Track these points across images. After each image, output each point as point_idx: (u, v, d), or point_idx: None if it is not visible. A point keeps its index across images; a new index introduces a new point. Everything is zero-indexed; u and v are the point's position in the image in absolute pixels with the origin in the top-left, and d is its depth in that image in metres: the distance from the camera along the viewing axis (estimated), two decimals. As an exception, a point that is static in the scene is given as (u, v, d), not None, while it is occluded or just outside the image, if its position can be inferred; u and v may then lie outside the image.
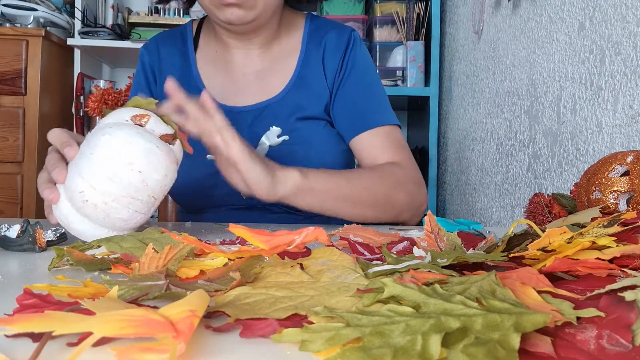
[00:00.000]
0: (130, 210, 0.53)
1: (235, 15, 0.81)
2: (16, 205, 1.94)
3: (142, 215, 0.55)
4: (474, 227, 0.63)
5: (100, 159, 0.51)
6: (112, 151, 0.51)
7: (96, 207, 0.51)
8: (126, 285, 0.34)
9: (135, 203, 0.53)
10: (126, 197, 0.52)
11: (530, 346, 0.24)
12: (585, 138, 0.91)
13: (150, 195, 0.54)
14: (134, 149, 0.51)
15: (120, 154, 0.51)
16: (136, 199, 0.52)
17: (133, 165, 0.51)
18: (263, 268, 0.38)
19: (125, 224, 0.54)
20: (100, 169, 0.51)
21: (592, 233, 0.40)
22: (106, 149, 0.51)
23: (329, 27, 0.94)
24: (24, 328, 0.23)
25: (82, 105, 2.11)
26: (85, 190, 0.51)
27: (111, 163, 0.51)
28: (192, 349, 0.25)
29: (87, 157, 0.52)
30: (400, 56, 1.98)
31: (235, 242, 0.57)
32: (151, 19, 2.37)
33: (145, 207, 0.54)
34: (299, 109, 0.89)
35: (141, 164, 0.52)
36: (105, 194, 0.51)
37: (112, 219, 0.53)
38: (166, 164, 0.54)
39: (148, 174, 0.52)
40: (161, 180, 0.54)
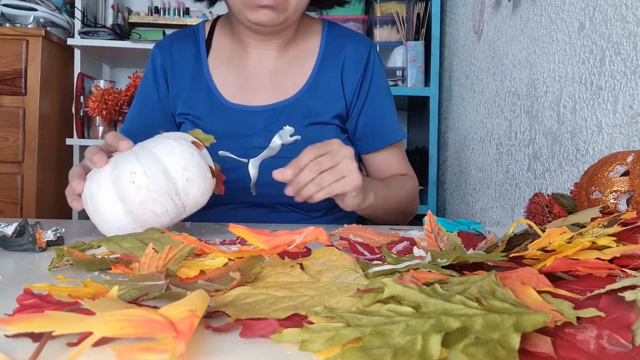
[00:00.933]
0: (164, 208, 0.57)
1: (268, 17, 0.83)
2: (16, 205, 1.94)
3: (169, 218, 0.59)
4: (474, 227, 0.63)
5: (162, 154, 0.58)
6: (174, 152, 0.58)
7: (139, 190, 0.56)
8: (126, 285, 0.34)
9: (171, 204, 0.57)
10: (167, 194, 0.57)
11: (530, 346, 0.24)
12: (585, 138, 0.91)
13: (184, 205, 0.59)
14: (191, 159, 0.59)
15: (181, 158, 0.58)
16: (173, 201, 0.57)
17: (185, 172, 0.58)
18: (263, 268, 0.38)
19: (152, 220, 0.57)
20: (159, 161, 0.57)
21: (592, 233, 0.40)
22: (170, 148, 0.58)
23: (349, 37, 0.98)
24: (24, 328, 0.23)
25: (82, 105, 2.11)
26: (137, 172, 0.56)
27: (170, 161, 0.57)
28: (192, 349, 0.25)
29: (149, 150, 0.58)
30: (400, 56, 1.98)
31: (235, 242, 0.57)
32: (151, 19, 2.37)
33: (175, 211, 0.58)
34: (312, 113, 0.92)
35: (192, 174, 0.58)
36: (153, 182, 0.56)
37: (145, 209, 0.56)
38: (207, 187, 0.61)
39: (192, 185, 0.58)
40: (198, 196, 0.60)
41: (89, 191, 0.58)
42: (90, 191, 0.58)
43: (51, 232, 0.53)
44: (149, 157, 0.57)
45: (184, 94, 0.94)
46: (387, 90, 1.00)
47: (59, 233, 0.53)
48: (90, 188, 0.58)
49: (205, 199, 0.61)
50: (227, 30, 0.98)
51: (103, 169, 0.58)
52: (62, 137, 2.10)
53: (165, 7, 2.39)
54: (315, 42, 0.96)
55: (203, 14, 2.40)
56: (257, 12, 0.83)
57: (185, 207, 0.59)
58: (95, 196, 0.57)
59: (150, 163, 0.56)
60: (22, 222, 0.51)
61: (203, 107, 0.92)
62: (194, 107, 0.92)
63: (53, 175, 2.09)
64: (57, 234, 0.53)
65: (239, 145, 0.88)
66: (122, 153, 0.60)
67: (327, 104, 0.92)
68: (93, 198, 0.57)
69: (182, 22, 2.37)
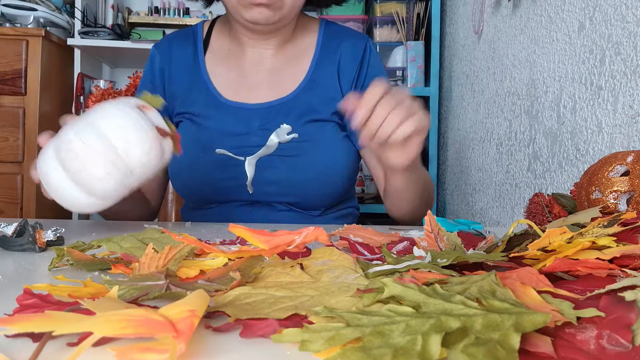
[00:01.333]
0: (105, 172, 0.56)
1: (263, 15, 0.83)
2: (16, 205, 1.94)
3: (114, 182, 0.57)
4: (474, 227, 0.63)
5: (97, 119, 0.56)
6: (108, 116, 0.57)
7: (77, 157, 0.55)
8: (126, 285, 0.34)
9: (112, 167, 0.56)
10: (105, 157, 0.55)
11: (530, 346, 0.24)
12: (585, 138, 0.91)
13: (128, 166, 0.57)
14: (128, 120, 0.57)
15: (115, 120, 0.56)
16: (114, 163, 0.56)
17: (122, 132, 0.56)
18: (263, 268, 0.38)
19: (98, 184, 0.56)
20: (93, 127, 0.56)
21: (592, 233, 0.40)
22: (104, 113, 0.57)
23: (345, 35, 0.97)
24: (24, 328, 0.23)
25: (82, 105, 2.11)
26: (73, 141, 0.55)
27: (103, 124, 0.56)
28: (192, 349, 0.25)
29: (85, 118, 0.57)
30: (400, 56, 1.98)
31: (235, 242, 0.57)
32: (151, 19, 2.37)
33: (120, 175, 0.57)
34: (310, 110, 0.91)
35: (130, 134, 0.56)
36: (89, 148, 0.55)
37: (87, 175, 0.55)
38: (151, 146, 0.58)
39: (133, 146, 0.56)
40: (142, 158, 0.57)
41: (39, 170, 0.59)
42: (40, 169, 0.58)
43: (51, 232, 0.53)
44: (85, 125, 0.56)
45: (182, 93, 0.94)
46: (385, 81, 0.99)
47: (59, 233, 0.53)
48: (40, 166, 0.58)
49: (156, 159, 0.59)
50: (225, 30, 0.98)
51: (48, 146, 0.58)
52: (62, 137, 2.10)
53: (165, 7, 2.39)
54: (312, 40, 0.96)
55: (203, 14, 2.40)
56: (252, 10, 0.83)
57: (132, 169, 0.57)
58: (44, 173, 0.57)
59: (85, 130, 0.56)
60: (22, 222, 0.51)
61: (201, 105, 0.92)
62: (191, 106, 0.92)
63: (53, 175, 2.09)
64: (57, 234, 0.53)
65: (236, 143, 0.88)
66: (65, 127, 0.59)
67: (325, 101, 0.92)
68: (43, 175, 0.58)
69: (182, 22, 2.37)
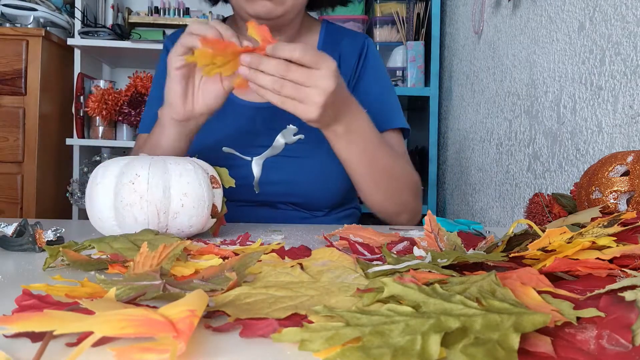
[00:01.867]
0: (146, 219, 0.57)
1: (265, 8, 0.84)
2: (16, 205, 1.94)
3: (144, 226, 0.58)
4: (474, 227, 0.63)
5: (173, 172, 0.58)
6: (183, 176, 0.58)
7: (134, 193, 0.56)
8: (122, 285, 0.34)
9: (155, 219, 0.57)
10: (156, 209, 0.56)
11: (530, 346, 0.24)
12: (585, 138, 0.91)
13: (167, 226, 0.58)
14: (196, 190, 0.58)
15: (186, 184, 0.58)
16: (159, 217, 0.57)
17: (183, 198, 0.57)
18: (262, 267, 0.38)
19: (132, 224, 0.57)
20: (166, 177, 0.57)
21: (592, 233, 0.40)
22: (181, 171, 0.58)
23: (343, 34, 0.98)
24: (23, 327, 0.23)
25: (82, 105, 2.11)
26: (141, 176, 0.56)
27: (176, 181, 0.57)
28: (192, 349, 0.25)
29: (164, 163, 0.58)
30: (400, 56, 1.98)
31: (235, 241, 0.57)
32: (151, 19, 2.37)
33: (155, 228, 0.58)
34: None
35: (188, 203, 0.58)
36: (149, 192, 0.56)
37: (130, 212, 0.56)
38: (198, 221, 0.60)
39: (183, 212, 0.58)
40: (184, 225, 0.59)
41: (97, 172, 0.59)
42: (97, 172, 0.58)
43: (51, 232, 0.53)
44: (160, 168, 0.57)
45: None
46: (385, 79, 0.98)
47: (59, 233, 0.53)
48: (99, 170, 0.59)
49: (191, 231, 0.60)
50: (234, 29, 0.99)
51: (118, 161, 0.58)
52: (62, 137, 2.10)
53: (165, 7, 2.39)
54: (314, 41, 0.98)
55: (203, 14, 2.40)
56: (254, 4, 0.84)
57: (168, 229, 0.59)
58: (98, 179, 0.57)
59: (157, 174, 0.57)
60: (22, 222, 0.51)
61: None
62: None
63: (53, 175, 2.09)
64: (57, 234, 0.53)
65: (244, 143, 0.90)
66: (144, 156, 0.60)
67: None
68: (96, 180, 0.58)
69: (182, 22, 2.37)
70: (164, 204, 0.56)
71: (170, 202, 0.57)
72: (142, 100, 2.07)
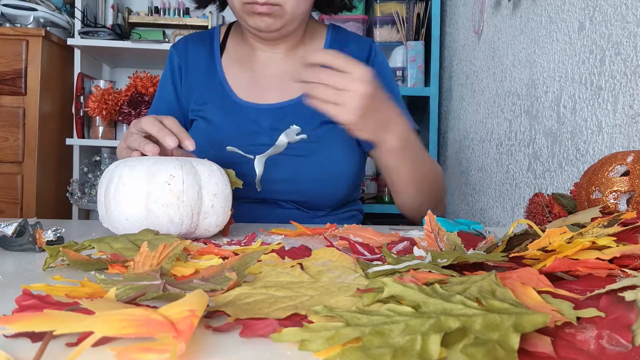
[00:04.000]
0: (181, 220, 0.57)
1: (265, 23, 0.87)
2: (16, 205, 1.94)
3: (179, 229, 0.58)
4: (474, 227, 0.63)
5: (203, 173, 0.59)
6: (213, 177, 0.60)
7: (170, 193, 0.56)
8: (122, 285, 0.34)
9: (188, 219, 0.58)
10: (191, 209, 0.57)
11: (530, 346, 0.24)
12: (585, 138, 0.91)
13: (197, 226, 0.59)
14: (223, 191, 0.60)
15: (216, 184, 0.59)
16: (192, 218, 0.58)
17: (214, 198, 0.59)
18: (261, 267, 0.38)
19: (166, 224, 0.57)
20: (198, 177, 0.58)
21: (592, 233, 0.40)
22: (211, 172, 0.60)
23: (349, 39, 1.01)
24: (23, 327, 0.23)
25: (82, 105, 2.11)
26: (176, 177, 0.57)
27: (206, 181, 0.59)
28: (192, 349, 0.25)
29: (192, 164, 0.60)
30: (400, 56, 1.98)
31: (241, 242, 0.57)
32: (151, 19, 2.37)
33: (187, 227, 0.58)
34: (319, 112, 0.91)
35: (217, 203, 0.59)
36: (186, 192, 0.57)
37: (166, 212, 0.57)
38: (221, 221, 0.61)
39: (213, 212, 0.59)
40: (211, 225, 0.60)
41: (118, 172, 0.57)
42: (120, 173, 0.57)
43: (51, 232, 0.53)
44: (191, 169, 0.58)
45: (197, 91, 0.97)
46: (392, 83, 1.00)
47: (59, 233, 0.53)
48: (122, 170, 0.57)
49: (214, 230, 0.61)
50: (239, 34, 1.02)
51: (141, 161, 0.58)
52: (62, 137, 2.10)
53: (165, 7, 2.39)
54: (320, 45, 1.00)
55: (203, 14, 2.40)
56: (254, 18, 0.86)
57: (197, 228, 0.59)
58: (125, 179, 0.56)
59: (190, 174, 0.57)
60: (22, 222, 0.51)
61: (215, 104, 0.95)
62: (206, 103, 0.96)
63: (53, 175, 2.09)
64: (57, 234, 0.53)
65: (247, 142, 0.91)
66: (167, 157, 0.61)
67: None
68: (121, 180, 0.56)
69: (182, 22, 2.37)
70: (198, 205, 0.57)
71: (202, 202, 0.58)
72: (142, 100, 2.07)
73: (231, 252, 0.46)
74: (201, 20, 2.36)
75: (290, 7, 0.86)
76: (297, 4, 0.86)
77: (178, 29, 2.40)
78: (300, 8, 0.88)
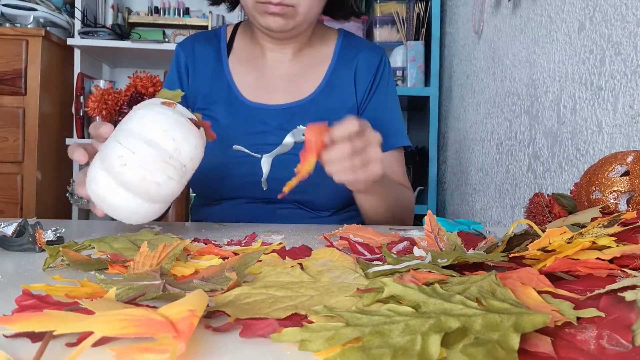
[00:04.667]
0: (164, 175, 0.56)
1: (277, 23, 0.87)
2: (16, 205, 1.94)
3: (174, 182, 0.57)
4: (474, 227, 0.63)
5: (138, 127, 0.56)
6: (148, 121, 0.57)
7: (134, 170, 0.55)
8: (122, 285, 0.34)
9: (169, 169, 0.56)
10: (161, 161, 0.56)
11: (530, 346, 0.24)
12: (585, 138, 0.91)
13: (182, 164, 0.58)
14: (167, 119, 0.57)
15: (156, 123, 0.56)
16: (170, 164, 0.56)
17: (167, 133, 0.56)
18: (262, 267, 0.38)
19: (160, 190, 0.56)
20: (138, 135, 0.56)
21: (592, 233, 0.40)
22: (143, 119, 0.57)
23: (362, 46, 1.02)
24: (23, 327, 0.23)
25: (82, 105, 2.11)
26: (124, 155, 0.55)
27: (148, 130, 0.56)
28: (192, 349, 0.25)
29: (124, 128, 0.57)
30: (401, 56, 1.98)
31: (241, 242, 0.57)
32: (151, 19, 2.37)
33: (177, 174, 0.57)
34: (326, 113, 0.94)
35: (174, 132, 0.57)
36: (142, 157, 0.55)
37: (148, 183, 0.55)
38: (195, 137, 0.59)
39: (180, 142, 0.57)
40: (192, 150, 0.58)
41: (92, 192, 0.57)
42: (93, 192, 0.57)
43: (51, 232, 0.53)
44: (127, 135, 0.56)
45: (204, 91, 0.98)
46: (395, 97, 1.03)
47: (59, 233, 0.53)
48: (92, 188, 0.57)
49: (200, 150, 0.60)
50: (247, 34, 1.02)
51: (94, 166, 0.57)
52: (62, 137, 2.10)
53: (165, 7, 2.38)
54: (330, 49, 1.01)
55: (203, 14, 2.40)
56: (266, 18, 0.87)
57: (185, 165, 0.58)
58: (100, 194, 0.56)
59: (131, 140, 0.56)
60: (22, 222, 0.51)
61: (222, 103, 0.96)
62: (213, 103, 0.96)
63: (53, 176, 2.09)
64: (57, 234, 0.53)
65: (253, 141, 0.92)
66: (105, 142, 0.59)
67: (340, 105, 0.96)
68: (99, 196, 0.57)
69: (182, 22, 2.37)
70: (162, 152, 0.56)
71: (163, 146, 0.56)
72: (142, 100, 2.07)
73: (231, 252, 0.46)
74: (201, 20, 2.36)
75: (303, 8, 0.86)
76: (311, 5, 0.87)
77: (178, 29, 2.40)
78: (312, 10, 0.89)
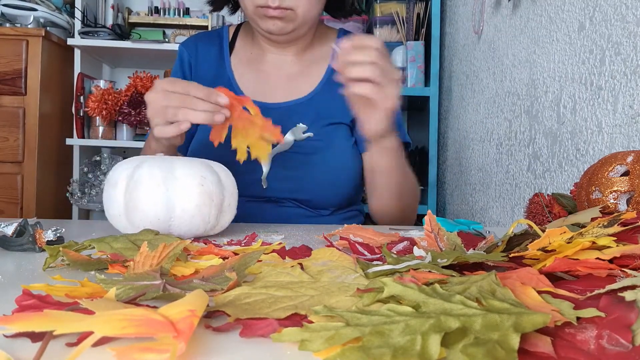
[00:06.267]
0: (207, 218, 0.59)
1: (276, 26, 0.88)
2: (16, 205, 1.94)
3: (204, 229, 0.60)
4: (474, 227, 0.63)
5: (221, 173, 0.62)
6: (229, 176, 0.64)
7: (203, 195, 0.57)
8: (122, 285, 0.34)
9: (214, 218, 0.59)
10: (217, 208, 0.59)
11: (530, 346, 0.24)
12: (585, 138, 0.91)
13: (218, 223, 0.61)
14: (235, 190, 0.64)
15: (232, 184, 0.64)
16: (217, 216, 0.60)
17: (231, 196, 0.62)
18: (262, 267, 0.38)
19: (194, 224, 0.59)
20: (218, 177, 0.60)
21: (592, 233, 0.40)
22: (227, 173, 0.64)
23: None
24: (23, 327, 0.23)
25: (82, 105, 2.11)
26: (207, 178, 0.58)
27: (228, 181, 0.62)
28: (192, 349, 0.25)
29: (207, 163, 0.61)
30: (401, 56, 1.98)
31: (241, 242, 0.57)
32: (151, 19, 2.37)
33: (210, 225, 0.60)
34: (325, 112, 0.96)
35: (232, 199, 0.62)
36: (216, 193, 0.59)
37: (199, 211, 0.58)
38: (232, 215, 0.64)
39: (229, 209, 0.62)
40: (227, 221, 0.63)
41: (137, 174, 0.57)
42: (139, 175, 0.56)
43: (51, 232, 0.53)
44: (213, 170, 0.60)
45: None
46: None
47: (59, 233, 0.53)
48: (140, 173, 0.56)
49: (225, 226, 0.64)
50: (249, 35, 1.04)
51: (152, 163, 0.58)
52: (62, 137, 2.10)
53: (165, 7, 2.38)
54: (329, 49, 1.02)
55: (203, 14, 2.40)
56: (266, 22, 0.88)
57: (215, 227, 0.61)
58: (144, 182, 0.56)
59: (215, 175, 0.59)
60: (22, 222, 0.51)
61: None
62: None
63: (53, 175, 2.09)
64: (57, 234, 0.53)
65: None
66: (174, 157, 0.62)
67: (339, 104, 0.96)
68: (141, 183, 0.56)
69: (182, 22, 2.37)
70: (220, 204, 0.60)
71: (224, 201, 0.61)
72: (142, 101, 2.07)
73: (231, 252, 0.46)
74: (201, 20, 2.36)
75: (302, 11, 0.87)
76: (309, 8, 0.87)
77: (178, 29, 2.40)
78: (311, 12, 0.89)
